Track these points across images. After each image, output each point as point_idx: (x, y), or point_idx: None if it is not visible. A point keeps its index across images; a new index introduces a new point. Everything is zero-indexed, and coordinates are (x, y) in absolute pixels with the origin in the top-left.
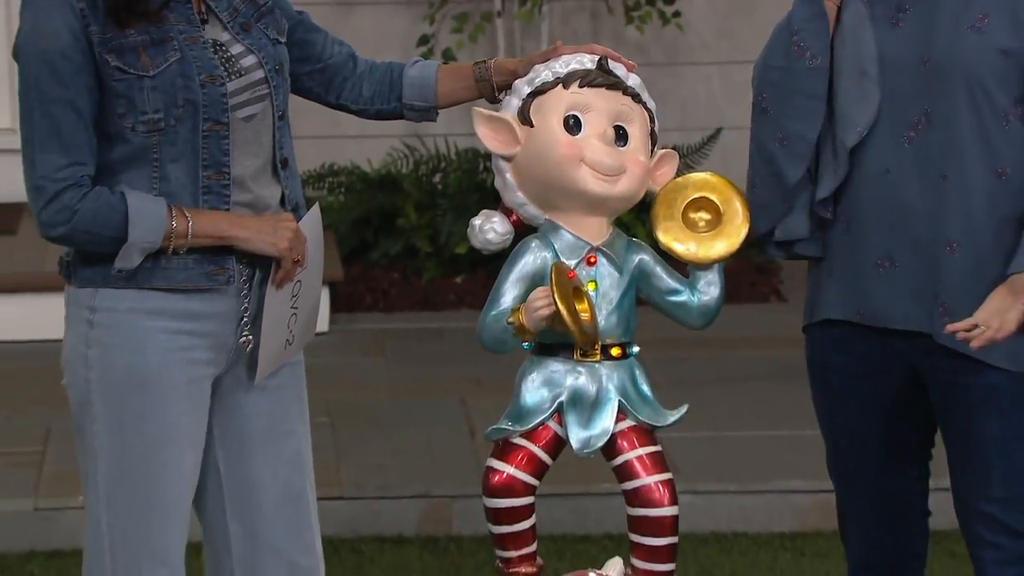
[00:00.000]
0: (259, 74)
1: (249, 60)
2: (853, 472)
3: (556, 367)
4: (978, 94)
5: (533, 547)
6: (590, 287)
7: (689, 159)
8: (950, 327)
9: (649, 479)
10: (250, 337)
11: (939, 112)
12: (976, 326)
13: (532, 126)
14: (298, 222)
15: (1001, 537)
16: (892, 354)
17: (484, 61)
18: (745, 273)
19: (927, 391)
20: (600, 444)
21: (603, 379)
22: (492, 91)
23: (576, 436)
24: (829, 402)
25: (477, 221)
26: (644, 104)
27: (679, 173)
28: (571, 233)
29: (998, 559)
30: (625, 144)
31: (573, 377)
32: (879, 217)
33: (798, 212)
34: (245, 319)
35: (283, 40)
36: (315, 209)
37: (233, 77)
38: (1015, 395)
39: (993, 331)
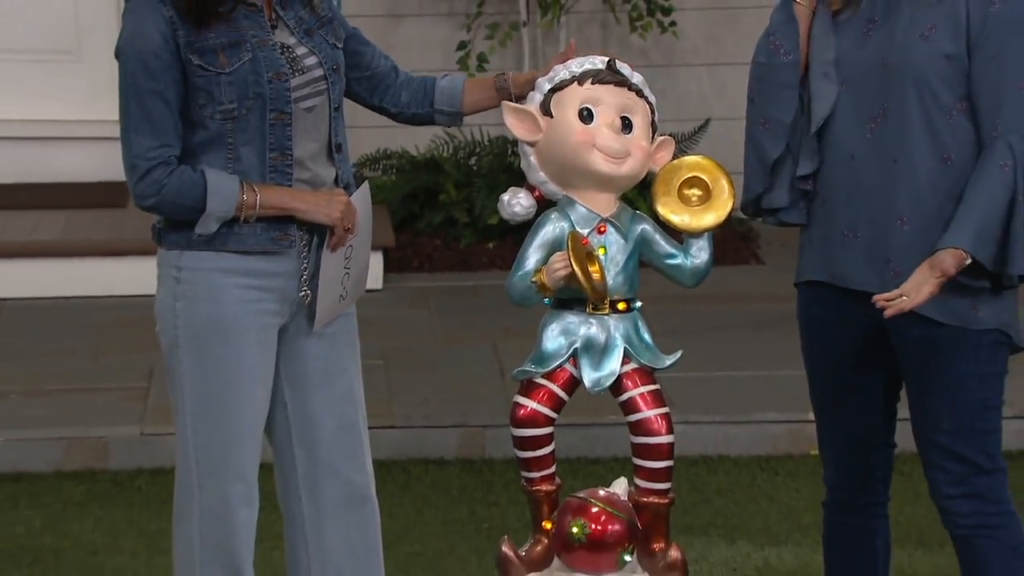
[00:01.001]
0: (319, 72)
1: (311, 60)
2: (829, 408)
3: (572, 319)
4: (925, 93)
5: (552, 469)
6: (600, 252)
7: (683, 145)
8: (876, 297)
9: (649, 412)
10: (309, 292)
11: (894, 107)
12: (901, 296)
13: (552, 117)
14: (349, 197)
15: (949, 462)
16: (859, 310)
17: (504, 74)
18: (729, 240)
19: (891, 341)
20: (609, 383)
21: (611, 329)
22: (510, 99)
23: (588, 376)
24: (810, 348)
25: (506, 196)
26: (646, 98)
27: (675, 156)
28: (584, 207)
29: (947, 480)
30: (630, 132)
31: (586, 327)
32: (845, 195)
33: (780, 186)
34: (305, 277)
35: (340, 46)
36: (365, 186)
37: (297, 74)
38: (953, 344)
39: (907, 302)
